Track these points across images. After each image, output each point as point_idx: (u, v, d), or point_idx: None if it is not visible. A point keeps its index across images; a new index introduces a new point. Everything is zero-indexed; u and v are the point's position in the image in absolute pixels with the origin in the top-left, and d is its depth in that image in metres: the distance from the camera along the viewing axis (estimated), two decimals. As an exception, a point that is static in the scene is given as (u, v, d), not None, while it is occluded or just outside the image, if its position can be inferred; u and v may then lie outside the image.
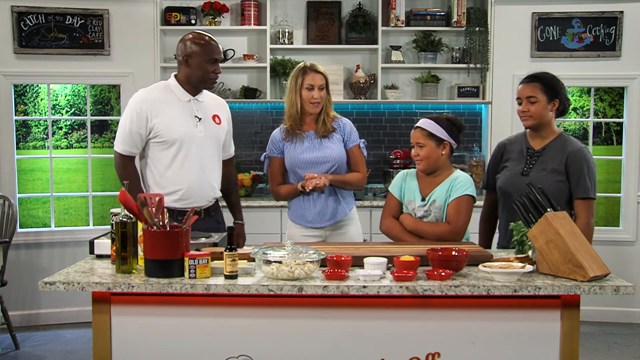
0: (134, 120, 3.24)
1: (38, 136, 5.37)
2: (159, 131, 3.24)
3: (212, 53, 3.27)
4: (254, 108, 5.50)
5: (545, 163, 3.18)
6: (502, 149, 3.37)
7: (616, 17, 5.31)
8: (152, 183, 3.31)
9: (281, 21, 5.40)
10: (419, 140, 3.21)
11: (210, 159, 3.36)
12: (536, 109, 3.16)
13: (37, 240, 5.25)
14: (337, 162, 3.52)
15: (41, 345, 4.84)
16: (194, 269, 2.49)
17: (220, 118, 3.42)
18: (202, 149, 3.30)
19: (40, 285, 2.51)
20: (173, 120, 3.25)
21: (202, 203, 3.33)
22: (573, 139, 3.25)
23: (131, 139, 3.26)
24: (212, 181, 3.37)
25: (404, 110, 5.53)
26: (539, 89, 3.16)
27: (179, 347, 2.55)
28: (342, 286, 2.44)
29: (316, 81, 3.45)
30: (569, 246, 2.51)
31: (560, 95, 3.19)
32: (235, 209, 3.64)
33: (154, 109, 3.24)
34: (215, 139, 3.37)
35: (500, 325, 2.53)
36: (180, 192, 3.26)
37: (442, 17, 5.34)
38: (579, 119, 5.59)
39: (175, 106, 3.29)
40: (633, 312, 5.34)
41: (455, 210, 3.16)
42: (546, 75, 3.24)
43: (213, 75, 3.30)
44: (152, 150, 3.29)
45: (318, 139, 3.51)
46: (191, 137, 3.27)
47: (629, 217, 5.40)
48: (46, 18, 5.16)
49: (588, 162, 3.16)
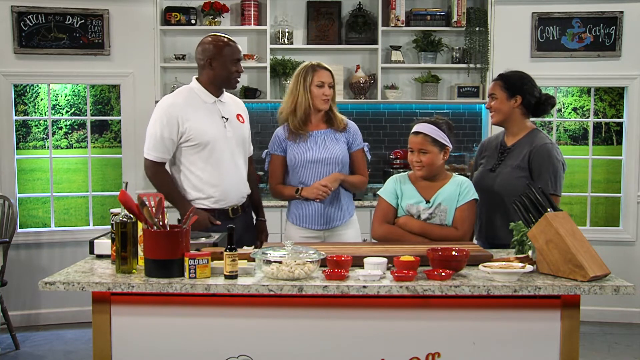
0: (165, 125, 3.26)
1: (38, 136, 5.36)
2: (191, 135, 3.28)
3: (234, 53, 3.35)
4: (254, 108, 5.50)
5: (512, 159, 3.24)
6: (482, 147, 3.49)
7: (616, 17, 5.31)
8: (188, 187, 3.34)
9: (281, 21, 5.40)
10: (423, 147, 3.16)
11: (240, 158, 3.45)
12: (497, 105, 3.28)
13: (37, 240, 5.25)
14: (340, 164, 3.52)
15: (41, 345, 4.84)
16: (194, 269, 2.49)
17: (243, 117, 3.52)
18: (233, 148, 3.38)
19: (40, 285, 2.51)
20: (203, 123, 3.30)
21: (237, 201, 3.42)
22: (542, 135, 3.27)
23: (163, 145, 3.29)
24: (244, 179, 3.48)
25: (404, 110, 5.53)
26: (499, 86, 3.28)
27: (179, 347, 2.55)
28: (342, 286, 2.44)
29: (327, 78, 3.48)
30: (569, 246, 2.51)
31: (523, 91, 3.24)
32: (258, 207, 3.69)
33: (183, 113, 3.28)
34: (241, 137, 3.46)
35: (500, 325, 2.53)
36: (218, 192, 3.32)
37: (442, 17, 5.34)
38: (579, 119, 5.59)
39: (202, 109, 3.34)
40: (633, 312, 5.34)
41: (464, 215, 3.17)
42: (510, 73, 3.32)
43: (237, 75, 3.38)
44: (184, 155, 3.32)
45: (323, 139, 3.51)
46: (222, 137, 3.33)
47: (629, 217, 5.40)
48: (46, 18, 5.15)
49: (551, 157, 3.16)
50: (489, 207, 3.27)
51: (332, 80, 3.51)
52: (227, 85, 3.42)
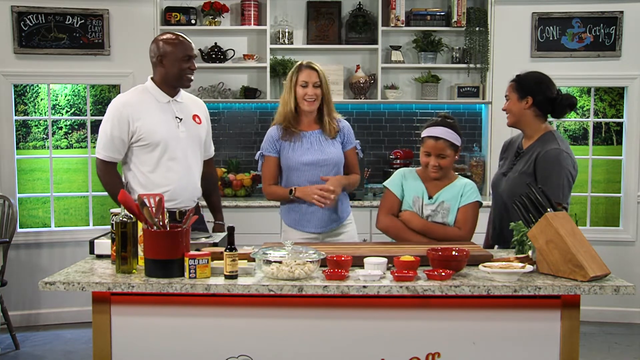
0: (116, 125, 3.24)
1: (38, 136, 5.37)
2: (141, 134, 3.24)
3: (185, 50, 3.28)
4: (254, 108, 5.50)
5: (520, 164, 3.19)
6: (504, 147, 3.43)
7: (616, 17, 5.31)
8: (136, 186, 3.29)
9: (281, 21, 5.40)
10: (443, 152, 3.16)
11: (194, 159, 3.38)
12: (508, 106, 3.23)
13: (37, 240, 5.25)
14: (337, 165, 3.46)
15: (41, 345, 4.84)
16: (194, 269, 2.49)
17: (200, 118, 3.44)
18: (185, 149, 3.32)
19: (40, 285, 2.51)
20: (155, 123, 3.26)
21: (188, 203, 3.35)
22: (553, 139, 3.14)
23: (113, 145, 3.27)
24: (196, 181, 3.41)
25: (404, 110, 5.52)
26: (512, 87, 3.23)
27: (179, 347, 2.55)
28: (342, 286, 2.44)
29: (310, 78, 3.37)
30: (569, 246, 2.51)
31: (533, 92, 3.15)
32: (216, 209, 3.64)
33: (135, 112, 3.25)
34: (196, 138, 3.40)
35: (500, 325, 2.53)
36: (167, 193, 3.21)
37: (442, 17, 5.34)
38: (579, 119, 5.59)
39: (155, 108, 3.29)
40: (633, 312, 5.33)
41: (466, 216, 3.19)
42: (524, 74, 3.25)
43: (188, 72, 3.30)
44: (135, 154, 3.29)
45: (318, 140, 3.43)
46: (174, 138, 3.28)
47: (629, 217, 5.40)
48: (46, 18, 5.15)
49: (556, 163, 3.05)
50: (501, 211, 3.23)
51: (318, 80, 3.38)
52: (180, 84, 3.33)
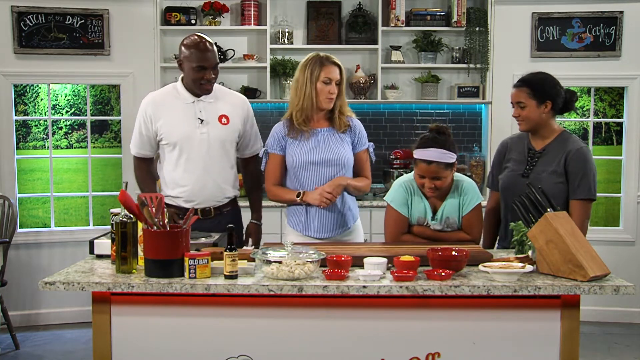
0: (142, 123, 3.33)
1: (38, 136, 5.36)
2: (162, 133, 3.29)
3: (198, 60, 3.17)
4: (254, 108, 5.45)
5: (545, 164, 3.16)
6: (505, 148, 3.35)
7: (616, 17, 5.31)
8: (163, 183, 3.40)
9: (281, 21, 5.40)
10: (437, 174, 3.05)
11: (216, 160, 3.31)
12: (527, 113, 3.14)
13: (37, 240, 5.24)
14: (344, 166, 3.25)
15: (41, 345, 4.84)
16: (194, 269, 2.49)
17: (228, 118, 3.34)
18: (203, 150, 3.28)
19: (40, 285, 2.51)
20: (174, 123, 3.28)
21: (210, 203, 3.34)
22: (574, 137, 3.20)
23: (141, 141, 3.36)
24: (219, 182, 3.34)
25: (404, 110, 5.52)
26: (527, 93, 3.12)
27: (179, 347, 2.55)
28: (342, 286, 2.44)
29: (334, 74, 3.18)
30: (569, 246, 2.51)
31: (552, 95, 3.13)
32: (253, 208, 3.57)
33: (157, 111, 3.29)
34: (219, 140, 3.31)
35: (500, 325, 2.53)
36: (184, 193, 3.30)
37: (442, 17, 5.34)
38: (579, 119, 5.59)
39: (178, 108, 3.30)
40: (633, 312, 5.34)
41: (471, 222, 3.18)
42: (535, 78, 3.18)
43: (204, 82, 3.22)
44: (162, 152, 3.38)
45: (327, 138, 3.24)
46: (191, 138, 3.27)
47: (629, 217, 5.40)
48: (46, 18, 5.15)
49: (588, 161, 3.12)
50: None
51: (339, 77, 3.20)
52: (196, 90, 3.26)
